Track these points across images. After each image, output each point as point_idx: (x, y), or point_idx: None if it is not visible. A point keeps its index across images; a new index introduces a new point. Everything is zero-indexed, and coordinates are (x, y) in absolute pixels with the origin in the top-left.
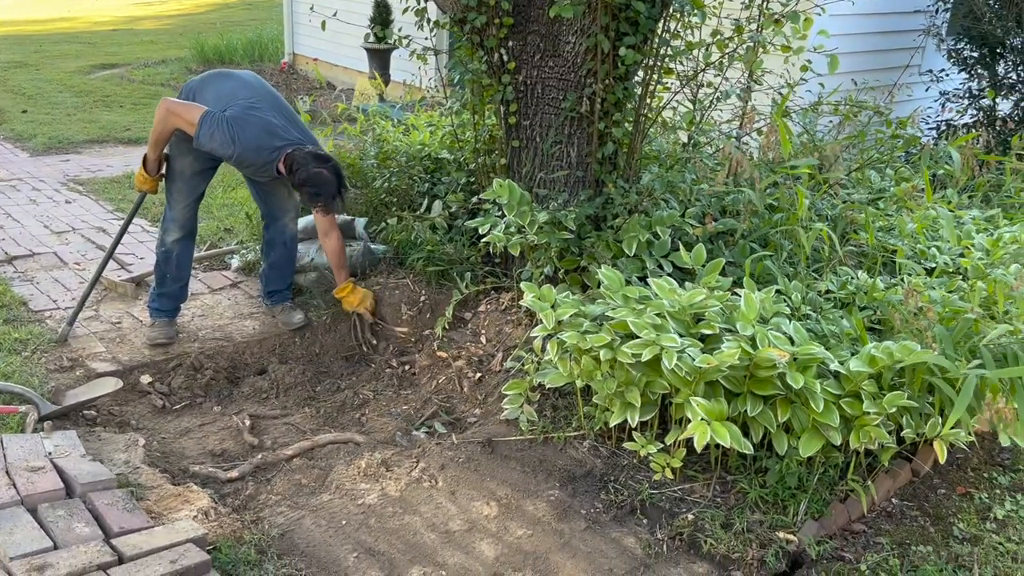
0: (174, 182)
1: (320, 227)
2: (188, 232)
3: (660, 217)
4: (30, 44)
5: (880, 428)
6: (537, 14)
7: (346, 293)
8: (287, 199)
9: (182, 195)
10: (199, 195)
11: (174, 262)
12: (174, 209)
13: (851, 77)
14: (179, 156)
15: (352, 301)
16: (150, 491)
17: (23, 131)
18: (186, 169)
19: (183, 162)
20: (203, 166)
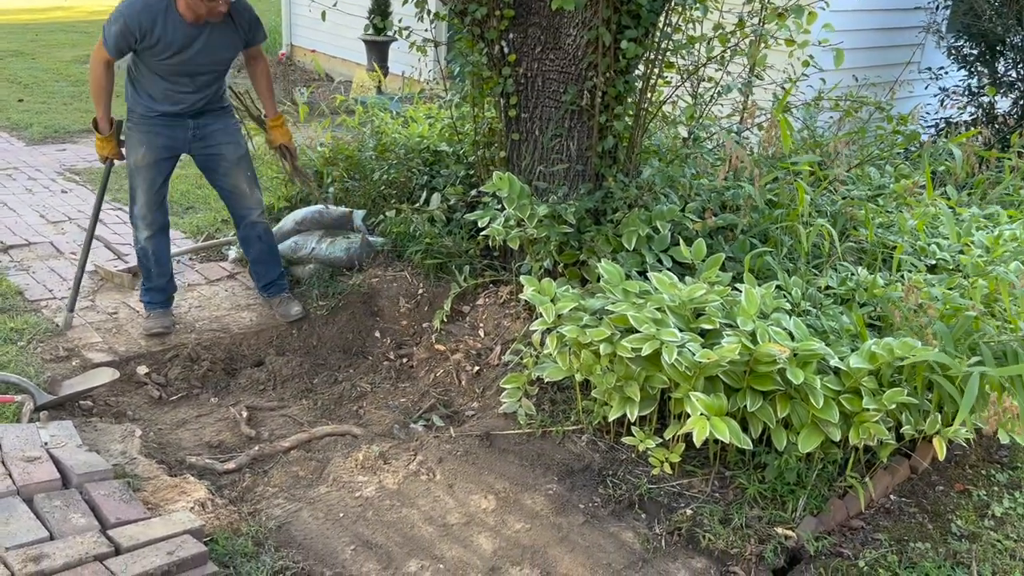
0: (132, 176)
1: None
2: (159, 227)
3: (660, 212)
4: (26, 33)
5: (880, 425)
6: (538, 6)
7: (280, 123)
8: (250, 195)
9: (141, 190)
10: (159, 187)
11: (152, 259)
12: (136, 204)
13: (852, 73)
14: (131, 148)
15: (284, 133)
16: (147, 482)
17: (19, 120)
18: (139, 161)
19: (136, 154)
20: (157, 155)
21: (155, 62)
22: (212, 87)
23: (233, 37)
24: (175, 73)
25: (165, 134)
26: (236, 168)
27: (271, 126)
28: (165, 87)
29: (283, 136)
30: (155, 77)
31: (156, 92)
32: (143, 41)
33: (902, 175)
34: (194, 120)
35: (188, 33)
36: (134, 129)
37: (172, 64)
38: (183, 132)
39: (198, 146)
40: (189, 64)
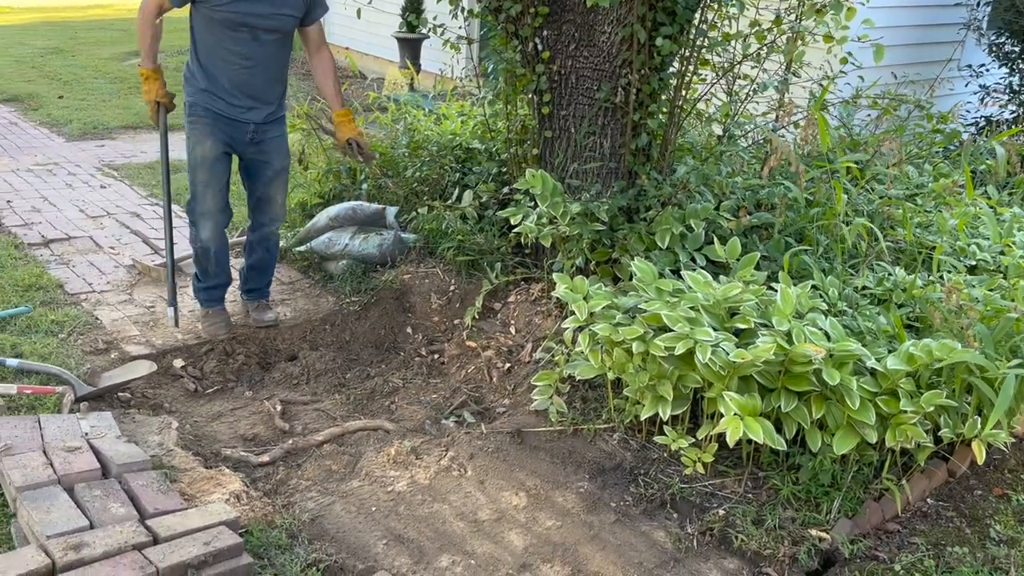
0: (196, 172)
1: (315, 38)
2: (223, 223)
3: (694, 210)
4: (66, 31)
5: (917, 427)
6: (573, 3)
7: (348, 117)
8: (279, 206)
9: (209, 186)
10: (227, 180)
11: (214, 258)
12: (204, 201)
13: (890, 71)
14: (197, 142)
15: (353, 127)
16: (183, 473)
17: (59, 116)
18: (206, 152)
19: (203, 147)
20: (220, 149)
21: (220, 13)
22: (273, 65)
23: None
24: (234, 26)
25: (226, 131)
26: (278, 179)
27: (339, 121)
28: (226, 57)
29: (351, 130)
30: (214, 44)
31: (216, 69)
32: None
33: (941, 174)
34: (255, 124)
35: None
36: (196, 122)
37: (234, 11)
38: (242, 134)
39: (252, 150)
40: (251, 12)
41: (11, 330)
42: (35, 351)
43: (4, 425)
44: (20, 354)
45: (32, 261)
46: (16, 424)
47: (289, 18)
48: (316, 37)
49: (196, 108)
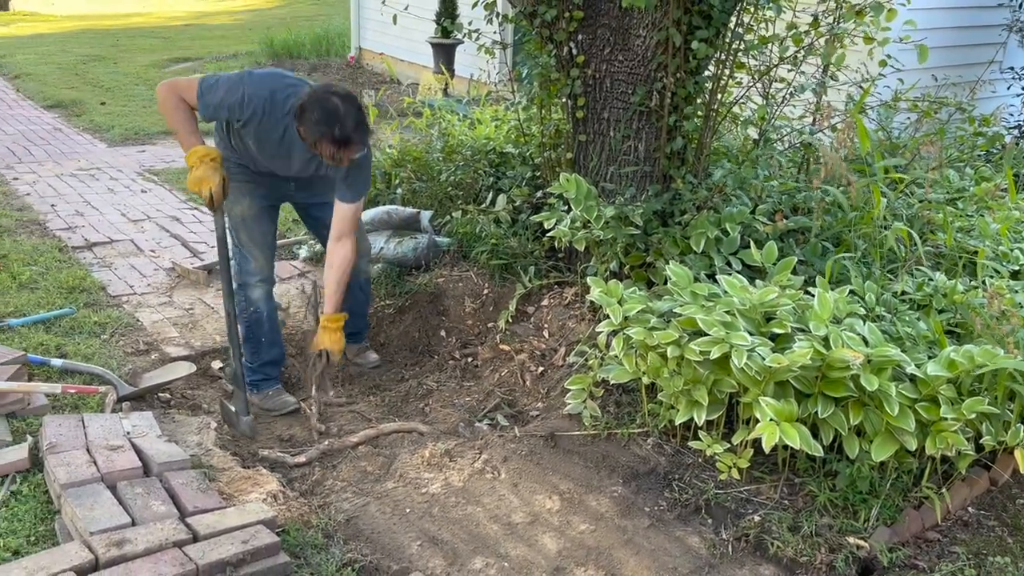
0: (238, 231)
1: (338, 223)
2: (272, 283)
3: (730, 214)
4: (107, 38)
5: (958, 434)
6: (607, 7)
7: (336, 327)
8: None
9: (255, 243)
10: (273, 236)
11: (266, 323)
12: (251, 260)
13: (930, 73)
14: (234, 201)
15: (333, 339)
16: (221, 473)
17: (101, 122)
18: (245, 211)
19: (241, 206)
20: (262, 203)
21: (246, 150)
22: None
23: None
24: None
25: (265, 185)
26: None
27: (325, 325)
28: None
29: (333, 342)
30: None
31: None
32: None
33: (983, 178)
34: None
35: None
36: (233, 179)
37: (263, 163)
38: (285, 186)
39: (300, 196)
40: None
41: (56, 331)
42: (79, 351)
43: (50, 424)
44: (64, 354)
45: (76, 264)
46: (61, 423)
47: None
48: (343, 221)
49: (229, 164)
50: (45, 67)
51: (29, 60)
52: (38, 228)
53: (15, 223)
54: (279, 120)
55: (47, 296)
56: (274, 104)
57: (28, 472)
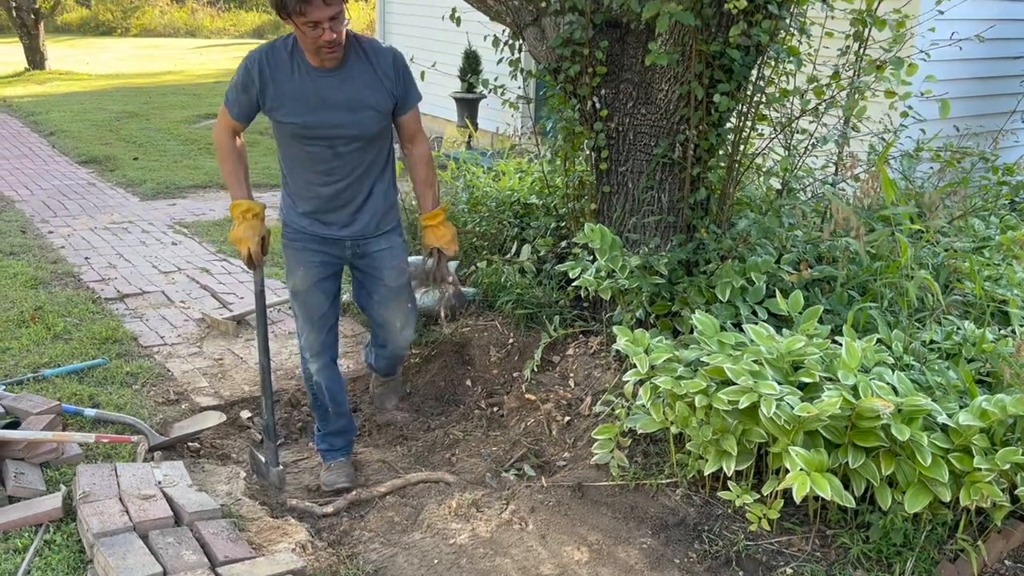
0: (294, 303)
1: (406, 129)
2: (330, 358)
3: (755, 263)
4: (140, 96)
5: (992, 485)
6: (630, 62)
7: (438, 222)
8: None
9: (308, 320)
10: (325, 312)
11: (326, 395)
12: (301, 335)
13: (952, 123)
14: (290, 271)
15: (443, 234)
16: (251, 523)
17: (134, 177)
18: (297, 284)
19: (295, 278)
20: (316, 275)
21: (287, 126)
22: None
23: (375, 88)
24: (310, 138)
25: (320, 250)
26: (392, 300)
27: (426, 224)
28: (306, 174)
29: (439, 237)
30: (292, 158)
31: (300, 186)
32: (266, 90)
33: (1008, 227)
34: (352, 240)
35: (313, 74)
36: (288, 247)
37: (303, 125)
38: (341, 251)
39: (359, 263)
40: (322, 123)
41: (89, 381)
42: (111, 402)
43: (83, 473)
44: (97, 404)
45: (108, 315)
46: (94, 472)
47: (372, 119)
48: (411, 125)
49: (288, 229)
50: (80, 124)
51: (64, 117)
52: (72, 280)
53: (50, 275)
54: (282, 52)
55: (80, 347)
56: (274, 47)
57: (61, 521)
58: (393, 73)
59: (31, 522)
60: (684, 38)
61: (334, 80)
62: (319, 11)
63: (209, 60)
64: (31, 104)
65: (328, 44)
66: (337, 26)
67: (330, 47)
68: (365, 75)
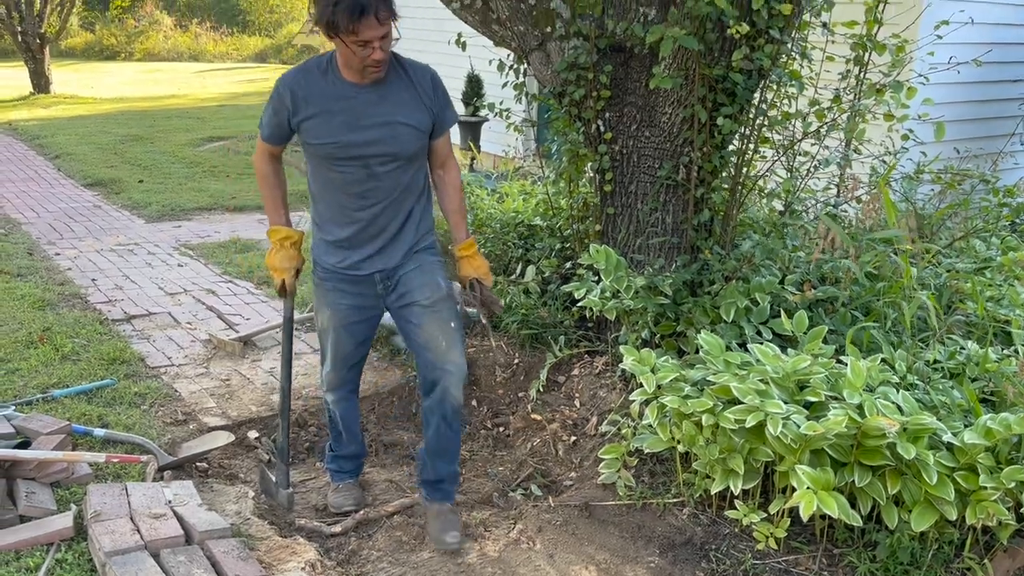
0: (320, 336)
1: (437, 153)
2: (348, 391)
3: (759, 284)
4: (145, 119)
5: (998, 504)
6: (634, 86)
7: (473, 252)
8: (447, 352)
9: (331, 357)
10: (350, 352)
11: (340, 423)
12: (324, 365)
13: (953, 146)
14: (318, 308)
15: (478, 265)
16: (260, 542)
17: (139, 199)
18: (324, 323)
19: (322, 316)
20: (344, 318)
21: (321, 147)
22: (401, 199)
23: (414, 105)
24: (339, 160)
25: (350, 292)
26: (431, 314)
27: (461, 255)
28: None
29: (475, 268)
30: (324, 183)
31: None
32: (299, 112)
33: (1009, 247)
34: (381, 274)
35: (349, 91)
36: (318, 285)
37: (338, 144)
38: (370, 290)
39: (392, 297)
40: (358, 141)
41: (97, 402)
42: (120, 422)
43: (94, 492)
44: (106, 424)
45: (116, 336)
46: (105, 491)
47: (411, 137)
48: (443, 149)
49: (318, 267)
50: (85, 147)
51: (70, 141)
52: (79, 301)
53: (57, 297)
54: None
55: (89, 367)
56: (306, 68)
57: (72, 540)
58: (432, 91)
59: (43, 541)
60: (687, 62)
61: (372, 96)
62: (371, 30)
63: (212, 84)
64: (36, 127)
65: (376, 63)
66: (386, 45)
67: (377, 66)
68: (404, 92)
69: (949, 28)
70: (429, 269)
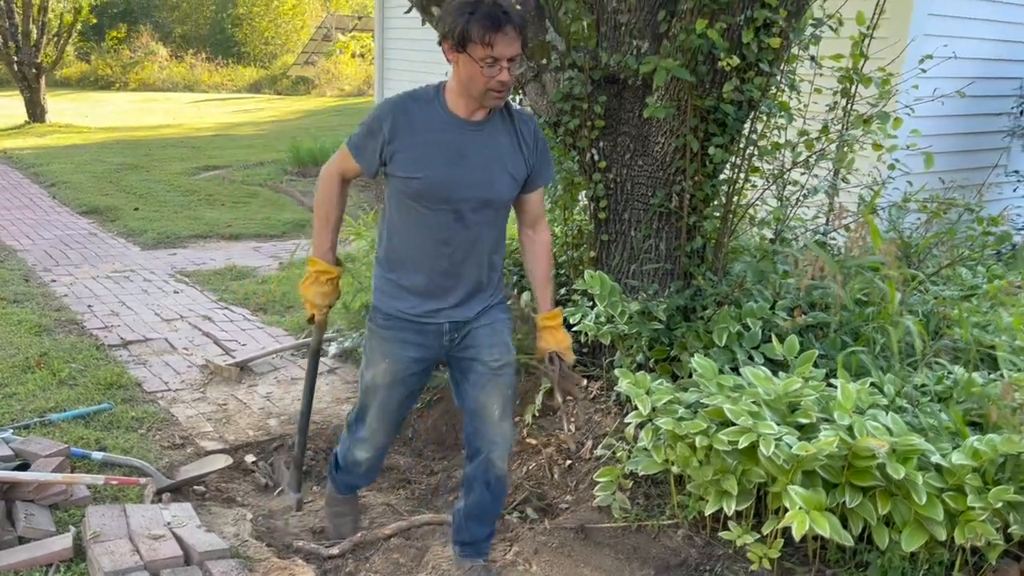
0: (365, 394)
1: (532, 210)
2: (383, 449)
3: (750, 309)
4: (139, 148)
5: (986, 524)
6: (628, 116)
7: (556, 324)
8: (499, 423)
9: (374, 410)
10: (398, 408)
11: (362, 468)
12: (363, 423)
13: (938, 176)
14: (370, 362)
15: (563, 339)
16: (258, 563)
17: (135, 227)
18: (378, 377)
19: (375, 371)
20: (403, 370)
21: (413, 182)
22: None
23: (515, 152)
24: (433, 201)
25: (415, 342)
26: (492, 381)
27: (544, 326)
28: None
29: (558, 342)
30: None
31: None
32: (395, 139)
33: (995, 275)
34: (452, 325)
35: (453, 126)
36: (375, 334)
37: (433, 181)
38: (436, 341)
39: (456, 350)
40: (455, 181)
41: (95, 426)
42: (117, 445)
43: (93, 514)
44: (104, 448)
45: (112, 361)
46: (104, 513)
47: (507, 185)
48: (537, 206)
49: (379, 314)
50: (80, 175)
51: (65, 169)
52: (76, 327)
53: (54, 322)
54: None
55: (86, 392)
56: (414, 95)
57: (71, 561)
58: (533, 141)
59: (42, 562)
60: (680, 93)
61: (478, 136)
62: (505, 46)
63: (207, 114)
64: (32, 156)
65: (500, 85)
66: (514, 68)
67: (500, 90)
68: (507, 136)
69: (933, 62)
70: (500, 328)
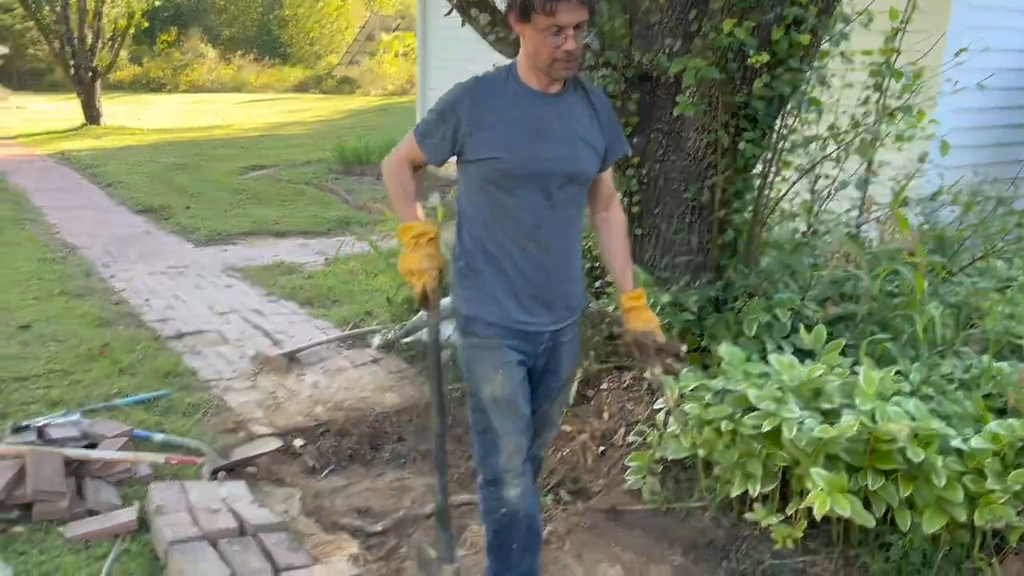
0: (490, 415)
1: (605, 188)
2: (531, 477)
3: (780, 300)
4: (191, 149)
5: (1006, 507)
6: (660, 113)
7: (643, 304)
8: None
9: (510, 431)
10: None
11: (522, 524)
12: (501, 452)
13: (972, 169)
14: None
15: (650, 318)
16: (307, 537)
17: (188, 224)
18: (496, 391)
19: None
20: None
21: (495, 163)
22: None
23: (591, 123)
24: (522, 177)
25: (518, 349)
26: (561, 394)
27: (629, 307)
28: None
29: (646, 322)
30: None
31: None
32: (472, 120)
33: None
34: (553, 332)
35: (530, 99)
36: (478, 347)
37: (516, 159)
38: (535, 347)
39: (541, 361)
40: (538, 156)
41: (154, 411)
42: (175, 429)
43: (155, 489)
44: (163, 431)
45: (169, 352)
46: (165, 489)
47: (589, 157)
48: (608, 186)
49: (475, 325)
50: (135, 175)
51: (120, 169)
52: (134, 320)
53: (114, 315)
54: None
55: (145, 380)
56: (485, 77)
57: (136, 532)
58: (608, 116)
59: (109, 533)
60: (710, 90)
61: (553, 108)
62: (569, 14)
63: (255, 114)
64: (89, 157)
65: (568, 55)
66: (580, 36)
67: (568, 58)
68: (581, 106)
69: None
70: (576, 343)
